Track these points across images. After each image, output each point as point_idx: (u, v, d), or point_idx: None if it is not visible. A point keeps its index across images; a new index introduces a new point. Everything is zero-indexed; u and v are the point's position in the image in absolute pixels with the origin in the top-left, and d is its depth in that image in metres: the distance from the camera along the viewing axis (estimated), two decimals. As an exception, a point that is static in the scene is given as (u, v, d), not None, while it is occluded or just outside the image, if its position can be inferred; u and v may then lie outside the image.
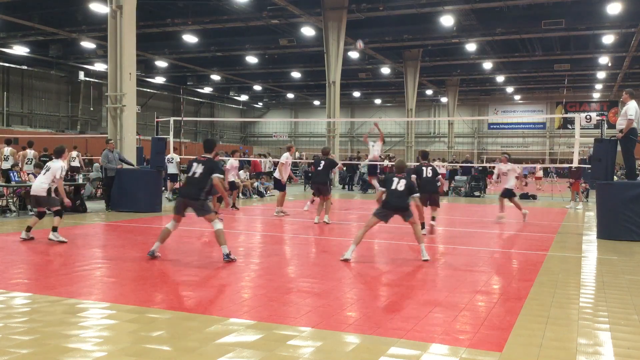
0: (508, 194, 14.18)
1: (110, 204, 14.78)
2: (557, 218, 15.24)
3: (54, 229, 9.42)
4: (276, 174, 15.16)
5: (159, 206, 14.78)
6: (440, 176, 11.93)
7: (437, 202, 11.57)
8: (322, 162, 13.31)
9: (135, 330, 4.71)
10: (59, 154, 9.83)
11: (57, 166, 9.51)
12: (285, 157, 14.76)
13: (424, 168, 11.58)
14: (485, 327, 4.97)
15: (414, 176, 11.24)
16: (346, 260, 7.98)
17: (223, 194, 8.33)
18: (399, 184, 8.28)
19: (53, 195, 9.60)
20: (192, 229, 11.35)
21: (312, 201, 15.77)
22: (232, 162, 15.73)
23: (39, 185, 9.50)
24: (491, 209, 16.63)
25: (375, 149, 19.63)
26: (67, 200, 9.89)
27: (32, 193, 9.75)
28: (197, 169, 7.90)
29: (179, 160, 19.77)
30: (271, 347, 4.33)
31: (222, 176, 8.09)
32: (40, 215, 9.76)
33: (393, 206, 8.26)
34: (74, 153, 22.98)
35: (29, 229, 9.52)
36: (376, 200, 8.63)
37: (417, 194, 8.63)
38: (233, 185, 15.89)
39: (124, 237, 10.38)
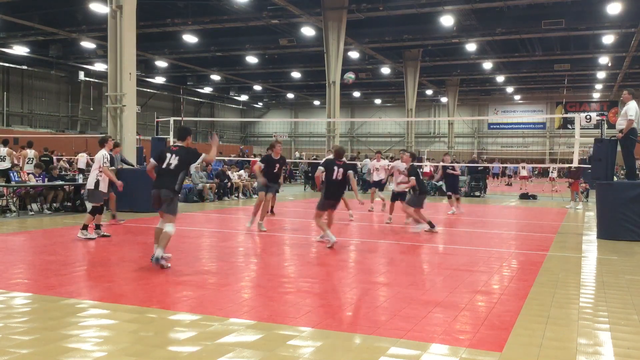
0: (399, 197, 12.79)
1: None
2: (557, 218, 15.23)
3: (84, 227, 9.67)
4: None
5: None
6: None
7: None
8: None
9: (135, 330, 4.71)
10: (102, 143, 10.16)
11: (99, 155, 9.86)
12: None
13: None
14: (485, 327, 4.97)
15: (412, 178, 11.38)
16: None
17: (210, 158, 7.97)
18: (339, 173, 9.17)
19: (100, 189, 9.83)
20: (191, 228, 11.35)
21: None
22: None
23: (90, 178, 9.86)
24: (492, 209, 16.63)
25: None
26: (119, 182, 10.20)
27: (87, 187, 10.10)
28: (173, 160, 7.44)
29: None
30: (271, 347, 4.33)
31: (203, 156, 7.79)
32: (101, 210, 10.08)
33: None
34: (85, 155, 23.03)
35: (98, 227, 10.00)
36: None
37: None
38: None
39: (124, 237, 10.38)
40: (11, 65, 38.60)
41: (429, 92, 50.97)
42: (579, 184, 19.14)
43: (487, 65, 38.05)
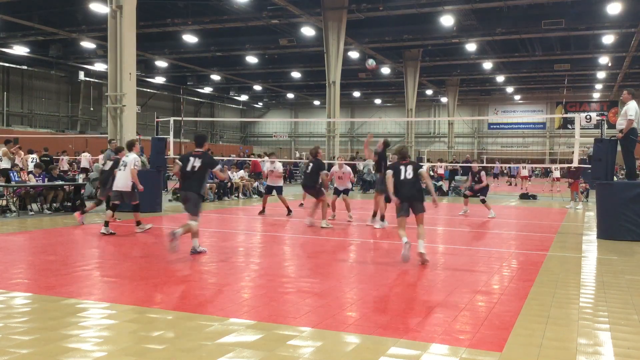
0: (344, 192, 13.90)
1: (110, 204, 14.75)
2: (557, 218, 15.23)
3: (138, 224, 10.66)
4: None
5: (159, 206, 14.77)
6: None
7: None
8: (310, 165, 12.74)
9: (135, 330, 4.71)
10: (130, 147, 10.82)
11: (132, 158, 10.49)
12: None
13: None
14: (485, 327, 4.96)
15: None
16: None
17: (222, 178, 9.29)
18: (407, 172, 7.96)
19: (134, 190, 10.64)
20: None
21: (301, 204, 16.13)
22: (276, 166, 15.15)
23: (125, 181, 10.46)
24: (492, 209, 16.62)
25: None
26: (140, 187, 10.71)
27: (115, 189, 10.65)
28: (195, 163, 8.28)
29: None
30: (271, 347, 4.33)
31: (220, 167, 8.79)
32: (115, 208, 10.59)
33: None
34: (87, 155, 23.05)
35: (107, 224, 10.29)
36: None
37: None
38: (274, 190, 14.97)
39: (124, 237, 10.38)
40: (11, 65, 38.61)
41: (429, 92, 50.98)
42: (579, 184, 19.13)
43: (487, 65, 38.06)
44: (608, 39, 29.19)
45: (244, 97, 57.95)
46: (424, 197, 8.03)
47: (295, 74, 43.53)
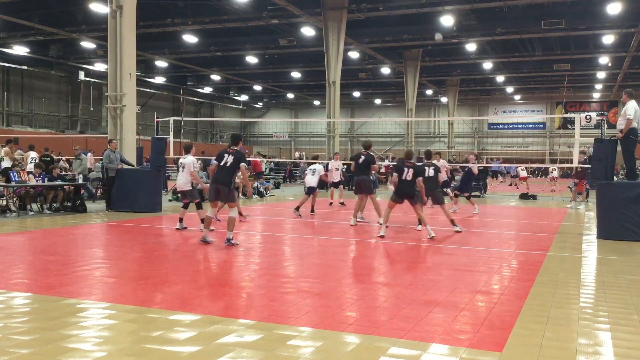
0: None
1: (110, 204, 14.77)
2: (557, 218, 15.23)
3: (202, 221, 10.71)
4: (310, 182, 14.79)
5: (159, 206, 14.78)
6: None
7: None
8: (362, 157, 12.38)
9: (135, 330, 4.71)
10: (188, 150, 11.31)
11: (189, 161, 11.05)
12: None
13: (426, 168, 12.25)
14: (485, 327, 4.96)
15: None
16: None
17: (245, 181, 9.85)
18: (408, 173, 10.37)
19: (194, 188, 11.40)
20: (191, 228, 11.35)
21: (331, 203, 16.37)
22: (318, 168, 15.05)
23: (183, 181, 11.15)
24: (492, 208, 16.64)
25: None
26: (205, 186, 11.49)
27: (178, 189, 11.81)
28: (228, 159, 9.16)
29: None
30: (271, 347, 4.33)
31: (247, 166, 9.45)
32: (186, 206, 11.47)
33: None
34: (89, 154, 23.09)
35: (181, 220, 11.27)
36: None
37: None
38: (312, 190, 14.68)
39: (124, 237, 10.38)
40: (11, 65, 38.62)
41: (429, 92, 51.00)
42: (583, 183, 19.12)
43: (487, 65, 38.06)
44: (608, 39, 29.20)
45: (244, 97, 57.99)
46: (415, 194, 10.57)
47: (295, 74, 43.54)
